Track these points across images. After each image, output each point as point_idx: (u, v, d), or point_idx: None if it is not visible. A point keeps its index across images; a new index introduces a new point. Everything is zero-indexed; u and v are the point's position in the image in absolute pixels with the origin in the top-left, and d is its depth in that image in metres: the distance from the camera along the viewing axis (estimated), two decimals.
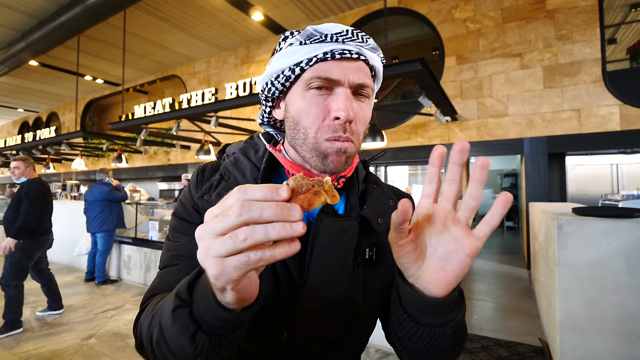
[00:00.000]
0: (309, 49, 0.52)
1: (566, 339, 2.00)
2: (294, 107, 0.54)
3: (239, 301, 0.35)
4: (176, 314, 0.38)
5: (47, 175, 12.73)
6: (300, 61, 0.52)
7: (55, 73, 9.41)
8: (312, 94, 0.52)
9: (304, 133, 0.53)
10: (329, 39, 0.51)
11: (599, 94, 4.66)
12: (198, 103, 5.70)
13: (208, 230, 0.31)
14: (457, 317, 0.42)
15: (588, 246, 1.97)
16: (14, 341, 2.91)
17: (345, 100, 0.50)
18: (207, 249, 0.31)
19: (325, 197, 0.33)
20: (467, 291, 4.15)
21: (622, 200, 3.92)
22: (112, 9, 5.44)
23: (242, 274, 0.31)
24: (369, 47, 0.54)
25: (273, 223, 0.30)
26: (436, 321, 0.42)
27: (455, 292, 0.40)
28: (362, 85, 0.52)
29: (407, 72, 3.32)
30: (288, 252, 0.31)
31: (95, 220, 4.54)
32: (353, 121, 0.52)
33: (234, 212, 0.30)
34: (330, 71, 0.51)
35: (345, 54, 0.51)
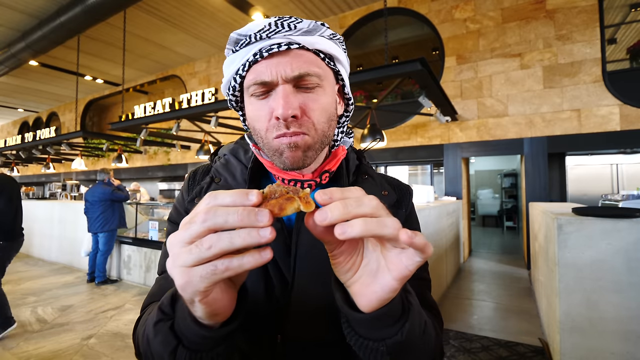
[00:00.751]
0: (241, 54, 0.51)
1: (566, 339, 2.00)
2: (248, 115, 0.54)
3: (210, 315, 0.33)
4: (158, 327, 0.37)
5: (47, 175, 12.74)
6: (237, 70, 0.52)
7: (55, 73, 9.42)
8: (256, 100, 0.51)
9: (260, 137, 0.53)
10: (254, 39, 0.49)
11: (599, 94, 4.66)
12: (198, 103, 5.70)
13: (177, 239, 0.30)
14: (395, 337, 0.38)
15: (588, 246, 1.97)
16: (14, 341, 2.91)
17: (282, 98, 0.48)
18: (174, 259, 0.30)
19: (299, 203, 0.31)
20: (467, 291, 4.15)
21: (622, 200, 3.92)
22: (112, 9, 5.44)
23: (209, 285, 0.30)
24: (300, 32, 0.50)
25: (240, 230, 0.28)
26: (368, 334, 0.39)
27: (386, 311, 0.36)
28: (300, 75, 0.49)
29: (407, 72, 3.32)
30: (258, 260, 0.29)
31: (97, 221, 4.53)
32: (299, 115, 0.49)
33: (199, 219, 0.29)
34: (262, 73, 0.49)
35: (273, 49, 0.48)
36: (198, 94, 5.81)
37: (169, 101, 5.98)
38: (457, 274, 4.89)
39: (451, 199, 5.16)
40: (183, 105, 5.80)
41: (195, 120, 5.76)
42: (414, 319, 0.40)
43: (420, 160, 6.25)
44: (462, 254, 5.54)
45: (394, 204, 0.62)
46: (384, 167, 6.80)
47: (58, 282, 4.75)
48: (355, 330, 0.40)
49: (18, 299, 3.99)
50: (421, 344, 0.43)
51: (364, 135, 4.25)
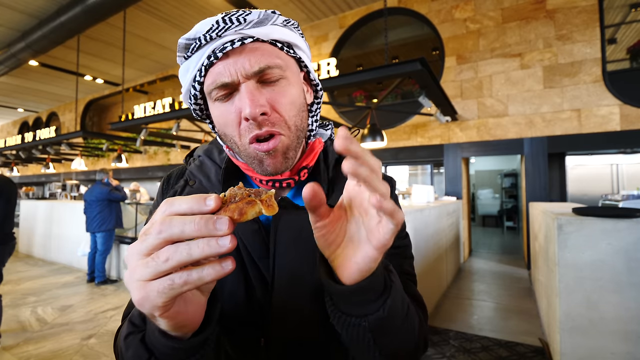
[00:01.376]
0: (194, 60, 0.48)
1: (566, 339, 2.00)
2: (215, 121, 0.51)
3: (175, 328, 0.32)
4: (129, 340, 0.36)
5: (47, 175, 12.74)
6: (193, 77, 0.49)
7: (55, 73, 9.42)
8: (220, 104, 0.48)
9: (234, 143, 0.50)
10: (204, 41, 0.46)
11: (599, 94, 4.66)
12: None
13: (134, 251, 0.29)
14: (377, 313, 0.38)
15: (588, 246, 1.97)
16: (14, 341, 2.91)
17: (246, 96, 0.45)
18: (131, 272, 0.28)
19: (260, 207, 0.30)
20: (467, 291, 4.15)
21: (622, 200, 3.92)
22: (112, 9, 5.44)
23: (167, 300, 0.28)
24: (251, 25, 0.47)
25: (198, 240, 0.27)
26: (350, 309, 0.39)
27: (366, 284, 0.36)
28: (261, 69, 0.46)
29: (407, 72, 3.32)
30: (219, 272, 0.28)
31: (94, 220, 4.54)
32: (269, 111, 0.47)
33: (155, 230, 0.27)
34: (221, 74, 0.46)
35: (226, 48, 0.45)
36: None
37: (169, 101, 5.98)
38: (457, 274, 4.89)
39: (451, 199, 5.16)
40: (183, 105, 5.80)
41: (195, 120, 5.76)
42: (396, 297, 0.40)
43: (420, 160, 6.25)
44: (462, 254, 5.54)
45: None
46: (384, 167, 6.80)
47: (58, 282, 4.75)
48: (337, 307, 0.40)
49: (18, 299, 3.99)
50: (403, 326, 0.43)
51: (364, 135, 4.25)
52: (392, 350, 0.44)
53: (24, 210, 6.89)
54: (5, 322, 3.31)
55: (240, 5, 6.13)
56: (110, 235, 4.66)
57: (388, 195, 0.30)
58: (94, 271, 4.66)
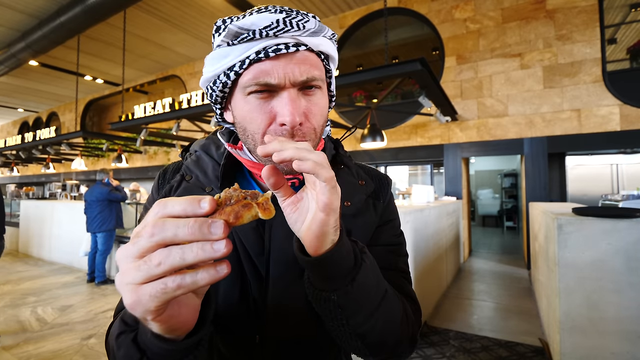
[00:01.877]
0: (239, 49, 0.46)
1: (566, 339, 2.00)
2: (238, 113, 0.50)
3: (168, 331, 0.31)
4: (120, 340, 0.35)
5: (47, 175, 12.73)
6: (232, 65, 0.47)
7: (55, 73, 9.42)
8: (254, 99, 0.47)
9: (253, 140, 0.49)
10: (258, 35, 0.45)
11: (599, 94, 4.66)
12: (198, 103, 5.70)
13: (125, 253, 0.28)
14: (344, 287, 0.41)
15: (588, 246, 1.97)
16: (14, 341, 2.91)
17: (290, 103, 0.45)
18: (122, 275, 0.28)
19: (257, 210, 0.29)
20: (467, 291, 4.15)
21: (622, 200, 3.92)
22: (112, 9, 5.44)
23: (160, 304, 0.27)
24: (308, 33, 0.47)
25: (192, 244, 0.26)
26: (321, 284, 0.42)
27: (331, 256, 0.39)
28: (307, 80, 0.47)
29: (407, 72, 3.32)
30: (214, 276, 0.27)
31: (95, 220, 4.54)
32: (304, 122, 0.47)
33: (147, 232, 0.27)
34: (267, 74, 0.45)
35: (280, 50, 0.45)
36: (198, 94, 5.81)
37: (169, 101, 5.98)
38: (457, 274, 4.89)
39: (451, 199, 5.16)
40: (183, 105, 5.80)
41: (195, 120, 5.76)
42: (367, 276, 0.42)
43: (420, 160, 6.25)
44: (462, 254, 5.54)
45: (371, 194, 0.60)
46: (384, 167, 6.80)
47: (58, 282, 4.75)
48: (311, 282, 0.43)
49: (18, 299, 3.99)
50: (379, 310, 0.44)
51: (363, 135, 4.25)
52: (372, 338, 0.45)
53: (24, 210, 6.89)
54: (5, 322, 3.31)
55: (240, 5, 6.13)
56: (110, 235, 4.67)
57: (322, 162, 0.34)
58: (94, 271, 4.67)
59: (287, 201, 0.39)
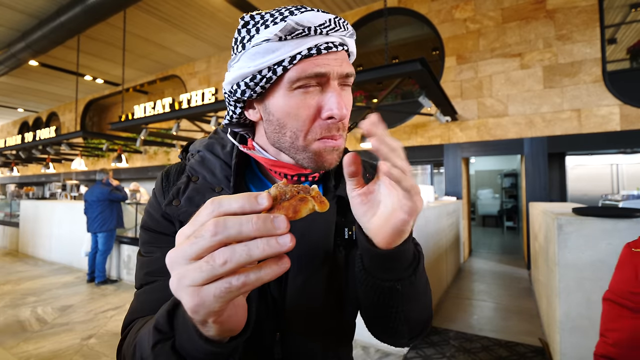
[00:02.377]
0: (291, 45, 0.46)
1: (566, 339, 2.00)
2: (277, 109, 0.49)
3: (224, 332, 0.31)
4: (157, 349, 0.33)
5: (47, 175, 12.73)
6: (281, 60, 0.46)
7: (55, 73, 9.42)
8: (299, 94, 0.47)
9: (292, 136, 0.49)
10: (312, 32, 0.45)
11: (599, 94, 4.66)
12: (198, 103, 5.70)
13: (180, 255, 0.27)
14: (409, 277, 0.43)
15: (588, 246, 1.97)
16: (14, 341, 2.91)
17: (338, 97, 0.47)
18: (180, 278, 0.27)
19: (313, 203, 0.29)
20: (467, 291, 4.15)
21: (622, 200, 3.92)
22: (112, 9, 5.44)
23: (224, 304, 0.27)
24: (349, 35, 0.51)
25: (256, 240, 0.26)
26: (385, 275, 0.43)
27: (402, 250, 0.40)
28: (348, 75, 0.49)
29: (407, 72, 3.32)
30: (277, 271, 0.27)
31: (96, 220, 4.54)
32: (346, 114, 0.49)
33: (208, 232, 0.25)
34: (318, 66, 0.46)
35: (331, 48, 0.47)
36: (198, 94, 5.81)
37: (169, 101, 5.98)
38: (457, 274, 4.88)
39: (451, 199, 5.16)
40: (183, 105, 5.81)
41: (195, 120, 5.76)
42: (422, 267, 0.46)
43: (420, 160, 6.25)
44: (462, 254, 5.54)
45: None
46: None
47: (58, 282, 4.75)
48: (371, 274, 0.44)
49: (18, 299, 3.99)
50: (426, 294, 0.49)
51: (364, 135, 4.25)
52: (416, 320, 0.48)
53: (23, 210, 6.89)
54: (5, 322, 3.31)
55: (241, 6, 6.13)
56: (111, 235, 4.67)
57: (407, 171, 0.34)
58: (94, 271, 4.67)
59: (357, 191, 0.40)
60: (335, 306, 0.54)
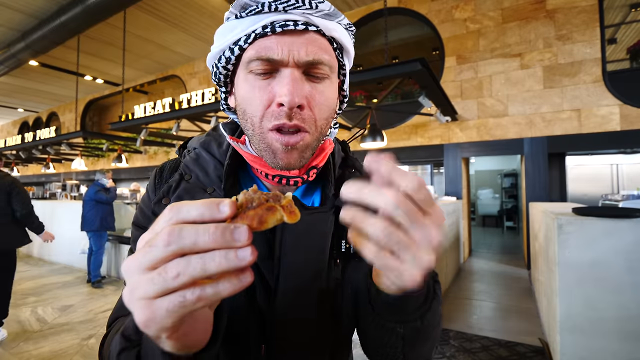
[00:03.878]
0: (246, 22, 0.44)
1: (566, 339, 2.00)
2: (239, 94, 0.47)
3: (182, 348, 0.28)
4: (122, 357, 0.32)
5: (47, 175, 12.73)
6: (238, 39, 0.44)
7: (55, 73, 9.42)
8: (254, 77, 0.44)
9: (251, 123, 0.46)
10: (266, 8, 0.43)
11: (599, 94, 4.66)
12: (198, 103, 5.70)
13: (134, 265, 0.24)
14: (414, 323, 0.38)
15: (588, 246, 1.97)
16: (14, 341, 2.91)
17: (290, 83, 0.42)
18: (132, 289, 0.24)
19: (282, 213, 0.27)
20: (467, 291, 4.15)
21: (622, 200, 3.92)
22: (112, 9, 5.44)
23: (177, 319, 0.24)
24: (320, 14, 0.44)
25: (213, 252, 0.23)
26: (387, 314, 0.38)
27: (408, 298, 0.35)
28: (313, 62, 0.44)
29: (407, 72, 3.32)
30: (236, 286, 0.24)
31: (85, 219, 4.52)
32: (305, 106, 0.44)
33: (162, 241, 0.23)
34: (271, 49, 0.42)
35: (288, 26, 0.42)
36: (198, 94, 5.81)
37: (169, 101, 5.98)
38: (457, 274, 4.88)
39: (451, 199, 5.16)
40: (183, 105, 5.80)
41: (195, 120, 5.76)
42: (435, 309, 0.40)
43: (420, 160, 6.25)
44: (462, 254, 5.54)
45: None
46: None
47: (58, 282, 4.75)
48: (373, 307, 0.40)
49: (18, 299, 3.99)
50: (434, 336, 0.43)
51: (364, 135, 4.25)
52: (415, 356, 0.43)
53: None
54: (5, 322, 3.31)
55: None
56: (99, 235, 4.58)
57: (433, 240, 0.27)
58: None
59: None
60: (329, 321, 0.50)
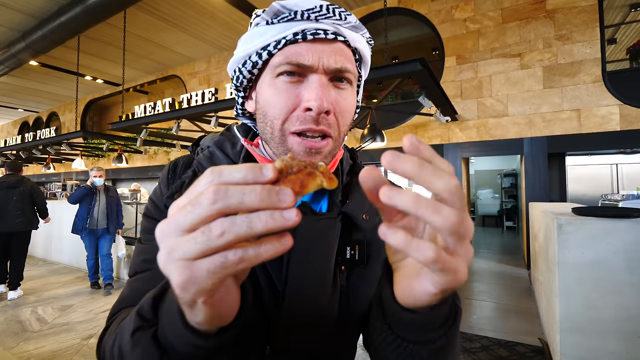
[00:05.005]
0: (276, 29, 0.45)
1: (566, 339, 2.00)
2: (262, 97, 0.48)
3: (213, 319, 0.27)
4: (137, 336, 0.30)
5: (47, 175, 12.73)
6: (267, 44, 0.45)
7: (55, 73, 9.42)
8: (282, 82, 0.45)
9: (271, 126, 0.46)
10: (299, 16, 0.44)
11: (599, 94, 4.66)
12: (198, 103, 5.70)
13: (172, 226, 0.24)
14: (439, 342, 0.34)
15: (588, 246, 1.97)
16: (14, 341, 2.91)
17: (319, 88, 0.43)
18: (170, 251, 0.24)
19: (322, 179, 0.27)
20: (467, 291, 4.15)
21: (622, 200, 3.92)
22: (112, 9, 5.44)
23: (217, 282, 0.24)
24: (348, 26, 0.47)
25: (258, 212, 0.23)
26: (408, 335, 0.35)
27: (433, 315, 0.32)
28: (340, 70, 0.45)
29: (407, 72, 3.32)
30: (278, 249, 0.24)
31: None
32: (331, 112, 0.45)
33: (207, 199, 0.22)
34: (301, 55, 0.44)
35: (319, 34, 0.44)
36: (198, 94, 5.81)
37: (169, 101, 5.98)
38: None
39: None
40: (183, 105, 5.80)
41: (195, 120, 5.76)
42: (458, 325, 0.36)
43: None
44: None
45: None
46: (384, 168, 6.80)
47: (58, 282, 4.75)
48: (391, 328, 0.36)
49: (18, 299, 3.99)
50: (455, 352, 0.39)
51: (363, 135, 4.25)
52: None
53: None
54: (5, 322, 3.31)
55: (241, 6, 6.13)
56: (82, 237, 4.39)
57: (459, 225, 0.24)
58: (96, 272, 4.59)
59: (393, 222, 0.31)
60: (333, 326, 0.49)
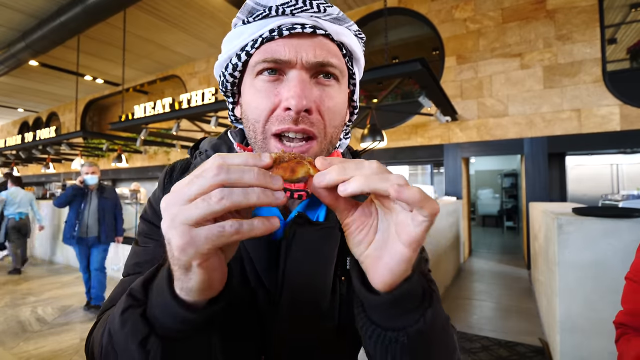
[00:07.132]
0: (252, 28, 0.43)
1: (566, 339, 2.00)
2: (244, 100, 0.46)
3: (204, 284, 0.29)
4: (126, 315, 0.32)
5: (47, 175, 12.73)
6: (244, 44, 0.44)
7: (55, 73, 9.41)
8: (261, 81, 0.43)
9: (253, 130, 0.45)
10: (274, 12, 0.42)
11: (599, 94, 4.66)
12: (198, 103, 5.70)
13: (177, 197, 0.27)
14: (417, 325, 0.33)
15: (588, 246, 1.97)
16: (14, 341, 2.91)
17: (298, 85, 0.41)
18: (173, 217, 0.27)
19: (309, 167, 0.32)
20: (467, 291, 4.15)
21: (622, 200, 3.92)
22: (112, 9, 5.44)
23: (213, 248, 0.27)
24: (328, 18, 0.44)
25: (253, 187, 0.27)
26: (386, 322, 0.34)
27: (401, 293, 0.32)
28: (322, 64, 0.42)
29: (407, 72, 3.32)
30: (268, 227, 0.28)
31: None
32: (313, 110, 0.42)
33: (210, 172, 0.26)
34: (277, 51, 0.41)
35: (295, 29, 0.41)
36: (198, 94, 5.81)
37: (169, 101, 5.98)
38: (457, 274, 4.88)
39: (451, 199, 5.16)
40: (183, 105, 5.80)
41: (195, 120, 5.76)
42: (436, 307, 0.35)
43: (420, 160, 6.25)
44: (462, 254, 5.54)
45: None
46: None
47: (58, 282, 4.75)
48: (371, 319, 0.35)
49: (18, 299, 3.99)
50: (442, 342, 0.38)
51: (364, 135, 4.25)
52: None
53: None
54: (5, 322, 3.31)
55: (241, 6, 6.12)
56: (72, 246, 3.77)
57: (404, 183, 0.28)
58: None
59: (349, 218, 0.34)
60: (332, 338, 0.48)
